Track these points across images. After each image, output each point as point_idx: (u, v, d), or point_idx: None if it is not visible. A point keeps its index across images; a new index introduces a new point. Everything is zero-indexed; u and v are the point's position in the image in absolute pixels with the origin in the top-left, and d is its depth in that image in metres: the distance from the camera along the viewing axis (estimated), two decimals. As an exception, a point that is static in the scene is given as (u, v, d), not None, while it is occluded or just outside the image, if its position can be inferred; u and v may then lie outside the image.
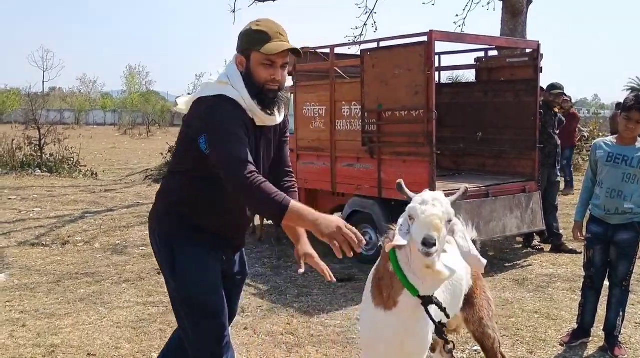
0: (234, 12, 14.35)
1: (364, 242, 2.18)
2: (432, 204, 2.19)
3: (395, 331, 2.39)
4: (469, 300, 2.98)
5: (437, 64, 6.94)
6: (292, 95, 7.44)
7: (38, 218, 9.05)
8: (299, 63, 7.19)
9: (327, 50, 7.04)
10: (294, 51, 2.40)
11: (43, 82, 65.03)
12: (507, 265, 6.42)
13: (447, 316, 2.44)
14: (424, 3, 14.93)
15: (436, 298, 2.34)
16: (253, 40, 2.39)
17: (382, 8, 41.92)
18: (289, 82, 8.16)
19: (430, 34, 5.60)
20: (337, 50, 7.06)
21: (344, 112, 6.64)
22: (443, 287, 2.55)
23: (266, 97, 2.40)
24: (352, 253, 2.17)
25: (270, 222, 7.85)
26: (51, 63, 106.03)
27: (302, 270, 2.58)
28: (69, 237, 7.70)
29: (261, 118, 2.43)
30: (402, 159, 5.99)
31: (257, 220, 7.86)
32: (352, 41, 14.94)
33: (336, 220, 2.20)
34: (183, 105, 2.53)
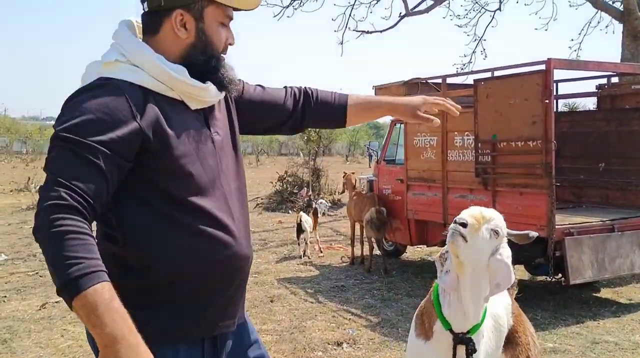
0: (341, 44, 14.68)
1: None
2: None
3: None
4: (513, 340, 2.73)
5: (554, 92, 6.69)
6: (403, 125, 7.46)
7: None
8: (410, 94, 7.20)
9: (438, 81, 7.01)
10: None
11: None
12: (636, 305, 5.97)
13: None
14: (536, 29, 14.55)
15: (472, 342, 2.13)
16: None
17: (492, 34, 41.18)
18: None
19: (548, 62, 5.41)
20: (449, 80, 6.99)
21: (456, 142, 6.54)
22: (491, 333, 2.39)
23: (222, 70, 1.63)
24: None
25: (378, 252, 7.85)
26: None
27: (437, 122, 1.99)
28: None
29: (201, 97, 1.60)
30: (518, 191, 5.78)
31: (365, 250, 7.88)
32: (460, 68, 14.89)
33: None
34: None
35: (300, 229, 8.41)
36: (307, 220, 8.51)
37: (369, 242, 7.71)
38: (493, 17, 14.55)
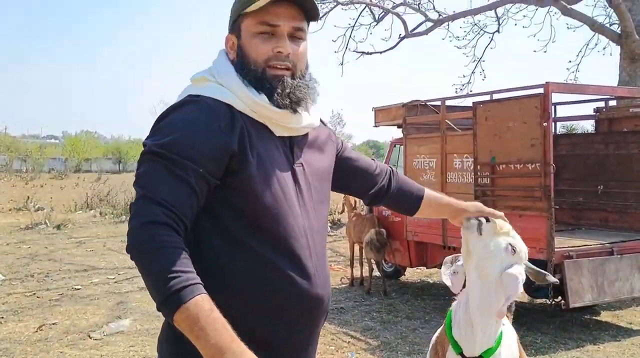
0: (342, 64, 14.79)
1: None
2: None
3: None
4: None
5: (553, 115, 6.73)
6: (402, 147, 7.49)
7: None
8: (409, 116, 7.24)
9: (437, 103, 7.05)
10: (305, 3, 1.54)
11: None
12: (636, 329, 5.94)
13: None
14: (534, 51, 14.65)
15: None
16: (242, 2, 1.53)
17: (490, 55, 41.41)
18: (398, 134, 8.29)
19: (546, 86, 5.45)
20: (447, 102, 7.03)
21: (456, 164, 6.56)
22: None
23: (271, 87, 1.51)
24: None
25: (378, 273, 7.82)
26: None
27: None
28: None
29: (283, 123, 1.54)
30: (517, 214, 5.76)
31: (365, 271, 7.86)
32: (459, 89, 14.98)
33: None
34: None
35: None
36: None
37: (369, 263, 7.69)
38: (492, 39, 14.69)
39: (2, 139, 53.90)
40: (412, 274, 8.65)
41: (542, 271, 2.11)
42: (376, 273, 7.79)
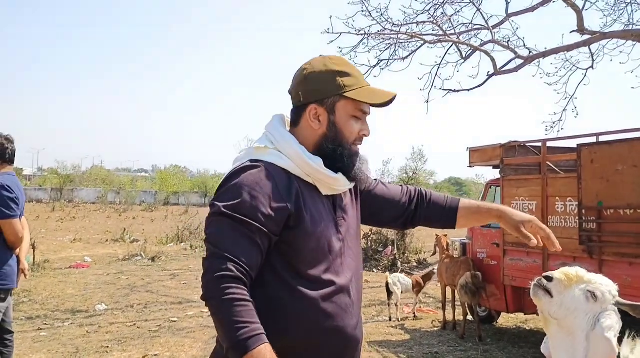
0: (427, 102, 14.70)
1: None
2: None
3: None
4: None
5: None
6: (499, 188, 7.33)
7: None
8: (507, 157, 7.10)
9: (536, 143, 6.89)
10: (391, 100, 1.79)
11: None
12: None
13: None
14: (632, 87, 14.04)
15: None
16: (338, 84, 1.74)
17: (582, 93, 39.62)
18: (482, 172, 8.07)
19: (659, 127, 5.22)
20: (545, 143, 6.85)
21: (558, 208, 6.34)
22: None
23: (353, 160, 1.78)
24: None
25: (470, 317, 7.60)
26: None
27: (534, 242, 1.93)
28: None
29: (333, 185, 1.77)
30: (627, 261, 5.50)
31: (457, 314, 7.66)
32: (550, 126, 14.47)
33: None
34: None
35: (389, 291, 8.31)
36: (394, 282, 8.37)
37: (463, 307, 7.50)
38: (585, 75, 14.19)
39: (98, 171, 57.07)
40: (507, 320, 8.34)
41: (638, 303, 1.89)
42: (469, 317, 7.58)
